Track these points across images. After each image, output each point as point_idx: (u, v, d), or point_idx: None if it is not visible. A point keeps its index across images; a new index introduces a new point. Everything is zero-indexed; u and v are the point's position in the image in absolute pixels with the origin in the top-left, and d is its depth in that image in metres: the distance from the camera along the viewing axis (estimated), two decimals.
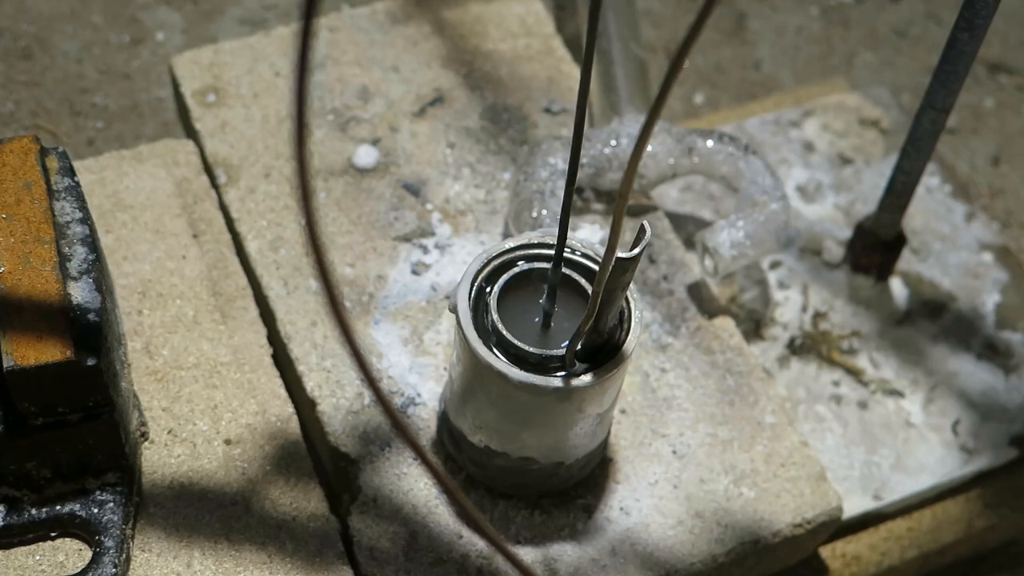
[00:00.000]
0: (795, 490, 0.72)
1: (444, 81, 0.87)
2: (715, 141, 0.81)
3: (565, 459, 0.67)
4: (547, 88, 0.87)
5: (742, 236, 0.77)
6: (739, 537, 0.70)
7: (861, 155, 0.96)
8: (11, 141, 0.66)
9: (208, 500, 0.68)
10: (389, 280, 0.77)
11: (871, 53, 1.42)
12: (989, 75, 1.42)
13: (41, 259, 0.61)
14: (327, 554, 0.67)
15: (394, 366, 0.74)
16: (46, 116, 1.24)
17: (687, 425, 0.74)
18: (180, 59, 0.87)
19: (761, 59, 1.40)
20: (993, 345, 0.88)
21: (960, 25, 0.71)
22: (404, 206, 0.81)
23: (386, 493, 0.70)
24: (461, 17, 0.91)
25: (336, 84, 0.86)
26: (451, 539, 0.68)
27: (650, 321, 0.78)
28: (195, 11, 1.35)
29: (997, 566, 0.97)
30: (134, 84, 1.28)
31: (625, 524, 0.70)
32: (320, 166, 0.82)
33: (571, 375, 0.59)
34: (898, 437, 0.83)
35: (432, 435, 0.72)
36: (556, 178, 0.78)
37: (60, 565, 0.65)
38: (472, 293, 0.61)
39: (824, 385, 0.85)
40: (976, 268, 0.92)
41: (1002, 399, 0.86)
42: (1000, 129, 1.38)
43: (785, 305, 0.88)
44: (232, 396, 0.71)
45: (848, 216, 0.92)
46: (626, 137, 0.80)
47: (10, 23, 1.30)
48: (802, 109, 0.98)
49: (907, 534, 0.83)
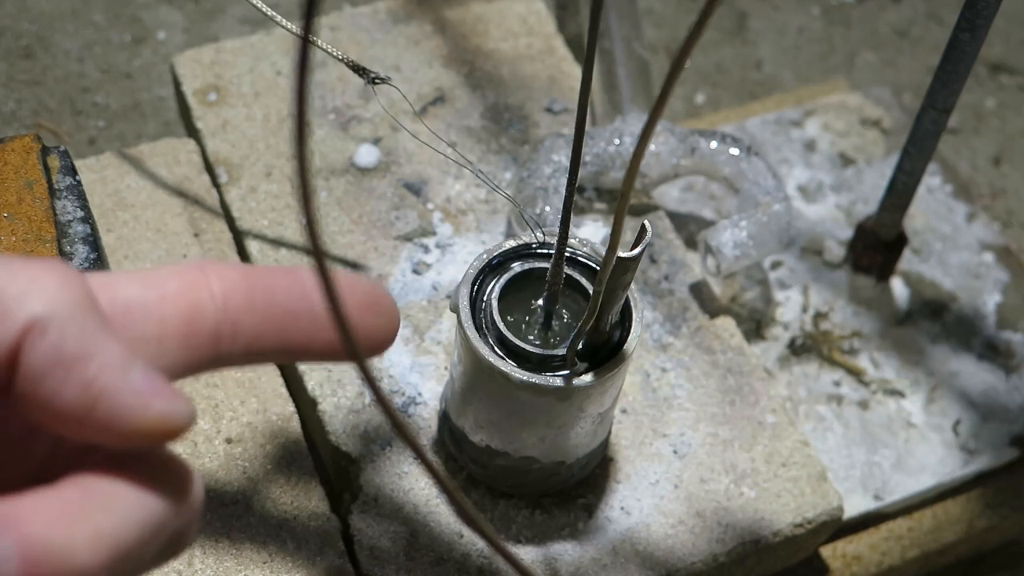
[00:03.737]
0: (796, 490, 0.72)
1: (445, 80, 0.87)
2: (718, 142, 0.81)
3: (566, 458, 0.67)
4: (548, 88, 0.87)
5: (745, 236, 0.77)
6: (740, 537, 0.70)
7: (862, 155, 0.96)
8: (13, 140, 0.66)
9: (209, 499, 0.68)
10: (390, 279, 0.77)
11: (872, 53, 1.42)
12: (990, 75, 1.42)
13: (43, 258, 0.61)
14: (328, 553, 0.67)
15: (395, 365, 0.74)
16: (48, 115, 1.24)
17: (688, 425, 0.74)
18: (181, 58, 0.87)
19: (762, 59, 1.40)
20: (994, 345, 0.88)
21: (961, 25, 0.71)
22: (405, 205, 0.81)
23: (387, 492, 0.70)
24: (462, 16, 0.91)
25: (337, 83, 0.86)
26: (452, 538, 0.68)
27: (651, 321, 0.78)
28: (196, 10, 1.35)
29: (997, 566, 0.97)
30: (135, 83, 1.28)
31: (626, 523, 0.70)
32: (321, 165, 0.82)
33: (572, 374, 0.59)
34: (899, 437, 0.83)
35: (433, 434, 0.72)
36: (559, 175, 0.78)
37: None
38: (473, 292, 0.61)
39: (825, 385, 0.85)
40: (977, 268, 0.92)
41: (1003, 399, 0.86)
42: (1001, 129, 1.38)
43: (786, 305, 0.88)
44: (233, 395, 0.71)
45: (849, 216, 0.92)
46: (629, 136, 0.80)
47: (11, 22, 1.30)
48: (803, 109, 0.98)
49: (908, 534, 0.83)
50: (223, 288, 0.34)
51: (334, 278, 0.31)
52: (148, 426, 0.30)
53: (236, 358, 0.35)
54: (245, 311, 0.34)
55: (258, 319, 0.34)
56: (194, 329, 0.33)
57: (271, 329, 0.35)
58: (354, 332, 0.31)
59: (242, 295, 0.34)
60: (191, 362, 0.34)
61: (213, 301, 0.34)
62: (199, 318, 0.34)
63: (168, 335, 0.33)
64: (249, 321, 0.34)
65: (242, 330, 0.34)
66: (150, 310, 0.33)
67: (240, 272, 0.35)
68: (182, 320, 0.33)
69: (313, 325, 0.35)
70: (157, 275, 0.34)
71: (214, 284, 0.34)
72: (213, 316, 0.34)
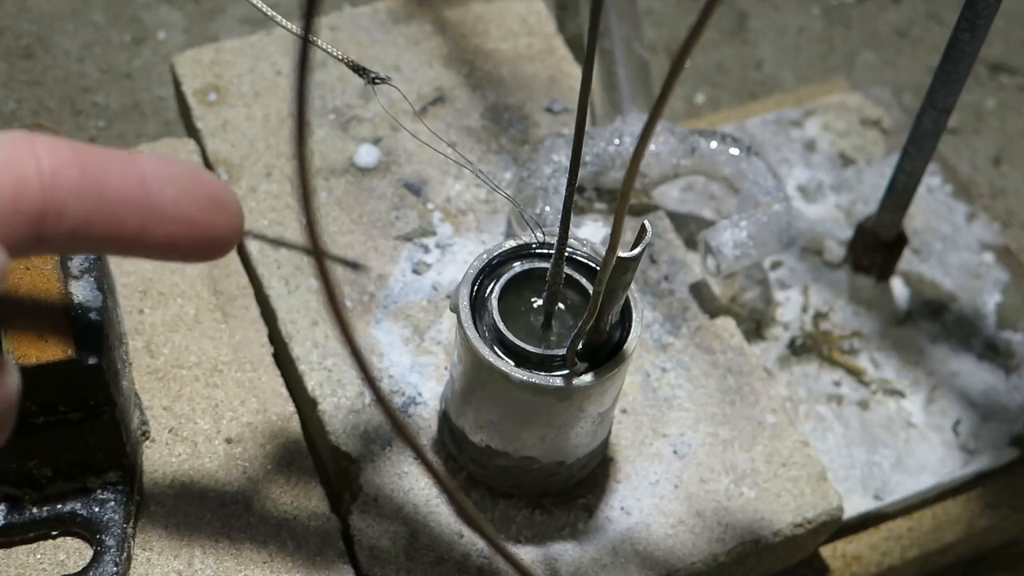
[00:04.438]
0: (796, 490, 0.72)
1: (445, 80, 0.87)
2: (718, 142, 0.81)
3: (566, 458, 0.67)
4: (549, 88, 0.87)
5: (745, 236, 0.77)
6: (740, 536, 0.70)
7: (862, 155, 0.96)
8: None
9: (209, 499, 0.68)
10: (390, 279, 0.77)
11: (872, 53, 1.42)
12: (990, 75, 1.42)
13: (42, 258, 0.61)
14: (328, 553, 0.67)
15: (395, 365, 0.74)
16: (48, 115, 1.24)
17: (688, 425, 0.74)
18: (181, 58, 0.87)
19: (762, 59, 1.40)
20: (994, 345, 0.88)
21: (961, 25, 0.71)
22: (405, 205, 0.81)
23: (387, 492, 0.70)
24: (462, 16, 0.91)
25: (337, 83, 0.86)
26: (452, 538, 0.68)
27: (651, 321, 0.78)
28: (196, 10, 1.35)
29: (997, 566, 0.97)
30: (135, 83, 1.28)
31: (626, 523, 0.70)
32: (321, 165, 0.82)
33: (572, 374, 0.59)
34: (899, 437, 0.83)
35: (433, 434, 0.72)
36: (560, 175, 0.78)
37: (61, 564, 0.65)
38: (473, 292, 0.61)
39: (825, 385, 0.85)
40: (977, 268, 0.92)
41: (1003, 399, 0.86)
42: (1001, 129, 1.38)
43: (786, 305, 0.88)
44: (233, 395, 0.71)
45: (849, 216, 0.92)
46: (629, 136, 0.80)
47: (11, 22, 1.30)
48: (803, 109, 0.98)
49: (908, 534, 0.83)
50: (52, 165, 0.32)
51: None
52: None
53: (60, 243, 0.32)
54: (74, 193, 0.32)
55: (88, 203, 0.32)
56: (15, 208, 0.31)
57: (100, 215, 0.32)
58: (354, 331, 0.31)
59: (73, 175, 0.32)
60: (13, 240, 0.31)
61: (40, 178, 0.31)
62: (22, 196, 0.31)
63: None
64: (77, 204, 0.32)
65: (69, 213, 0.32)
66: None
67: (72, 150, 0.32)
68: (4, 195, 0.31)
69: (146, 216, 0.33)
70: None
71: (43, 160, 0.31)
72: (39, 195, 0.31)
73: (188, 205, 0.34)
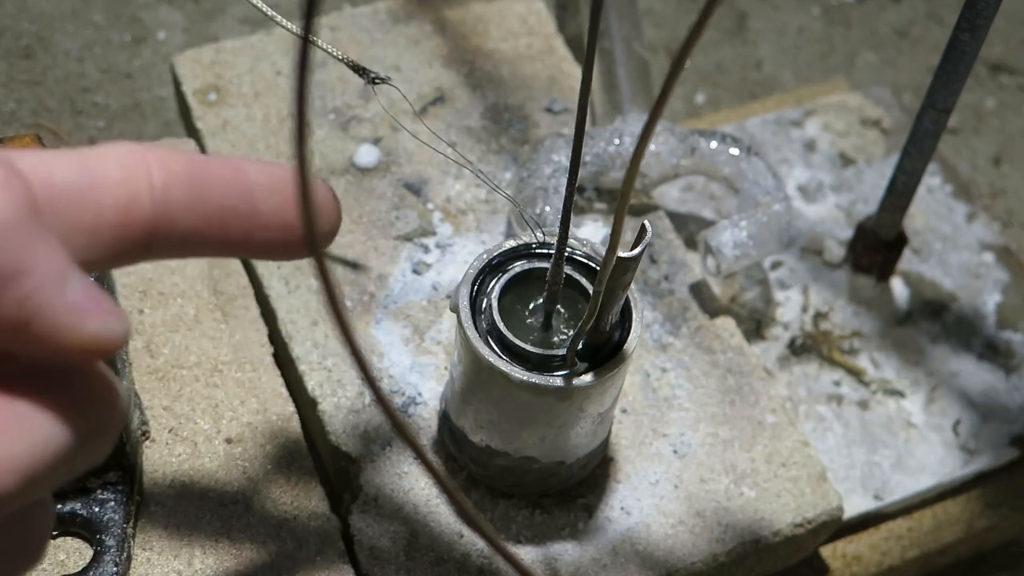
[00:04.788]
0: (796, 490, 0.72)
1: (445, 80, 0.87)
2: (718, 142, 0.81)
3: (566, 458, 0.67)
4: (549, 88, 0.87)
5: (745, 236, 0.77)
6: (740, 536, 0.70)
7: (862, 155, 0.96)
8: (13, 140, 0.66)
9: (209, 499, 0.68)
10: (390, 279, 0.77)
11: (872, 53, 1.42)
12: (990, 75, 1.42)
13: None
14: (328, 553, 0.67)
15: (395, 365, 0.74)
16: (47, 115, 1.24)
17: (688, 425, 0.74)
18: (181, 58, 0.87)
19: (762, 59, 1.40)
20: (994, 345, 0.88)
21: (961, 25, 0.71)
22: (405, 205, 0.81)
23: (387, 492, 0.70)
24: (462, 16, 0.91)
25: (337, 83, 0.86)
26: (452, 538, 0.68)
27: (651, 321, 0.78)
28: (196, 10, 1.35)
29: (997, 566, 0.97)
30: (135, 83, 1.28)
31: (626, 523, 0.70)
32: (321, 165, 0.82)
33: (572, 374, 0.59)
34: (899, 437, 0.83)
35: (433, 434, 0.72)
36: (560, 174, 0.78)
37: (61, 564, 0.65)
38: (473, 292, 0.61)
39: (825, 385, 0.85)
40: (977, 268, 0.92)
41: (1003, 399, 0.86)
42: (1001, 129, 1.38)
43: (786, 305, 0.88)
44: (233, 395, 0.71)
45: (849, 216, 0.92)
46: (629, 136, 0.80)
47: (11, 22, 1.30)
48: (803, 109, 0.98)
49: (908, 534, 0.83)
50: (164, 180, 0.33)
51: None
52: (82, 343, 0.29)
53: (165, 253, 0.33)
54: (183, 206, 0.33)
55: (196, 215, 0.33)
56: (129, 220, 0.32)
57: (207, 227, 0.33)
58: (354, 331, 0.31)
59: (183, 189, 0.33)
60: (122, 253, 0.33)
61: (152, 192, 0.32)
62: (135, 210, 0.32)
63: (103, 226, 0.32)
64: (186, 217, 0.33)
65: (178, 225, 0.33)
66: (86, 198, 0.32)
67: (184, 163, 0.33)
68: (118, 212, 0.32)
69: (251, 224, 0.34)
70: (96, 159, 0.32)
71: (155, 174, 0.32)
72: (150, 209, 0.32)
73: (291, 212, 0.35)
